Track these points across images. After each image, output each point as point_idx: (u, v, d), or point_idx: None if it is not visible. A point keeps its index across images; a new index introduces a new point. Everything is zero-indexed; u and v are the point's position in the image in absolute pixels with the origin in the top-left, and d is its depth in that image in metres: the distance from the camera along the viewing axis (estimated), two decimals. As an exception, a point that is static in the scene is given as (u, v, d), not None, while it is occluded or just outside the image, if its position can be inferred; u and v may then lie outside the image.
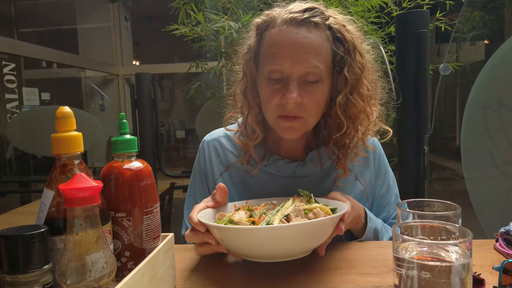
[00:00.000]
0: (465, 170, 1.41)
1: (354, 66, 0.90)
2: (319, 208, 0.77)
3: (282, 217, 0.73)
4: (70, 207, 0.51)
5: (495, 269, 0.70)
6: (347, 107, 0.93)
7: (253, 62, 0.95)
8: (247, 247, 0.73)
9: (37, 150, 3.92)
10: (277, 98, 0.89)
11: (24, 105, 4.48)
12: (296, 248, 0.73)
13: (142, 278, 0.59)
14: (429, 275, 0.47)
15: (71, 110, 0.58)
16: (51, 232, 0.54)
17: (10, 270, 0.50)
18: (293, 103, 0.86)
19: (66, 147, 0.57)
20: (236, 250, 0.75)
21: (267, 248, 0.72)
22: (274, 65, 0.88)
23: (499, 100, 1.20)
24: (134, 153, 0.68)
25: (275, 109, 0.90)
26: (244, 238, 0.70)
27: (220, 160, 1.07)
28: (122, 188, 0.64)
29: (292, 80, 0.87)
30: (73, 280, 0.51)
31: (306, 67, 0.86)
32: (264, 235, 0.68)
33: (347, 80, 0.90)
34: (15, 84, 4.38)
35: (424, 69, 1.66)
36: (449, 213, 0.59)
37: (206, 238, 0.76)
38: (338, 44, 0.89)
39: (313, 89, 0.88)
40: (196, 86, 3.16)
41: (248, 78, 0.97)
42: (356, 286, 0.71)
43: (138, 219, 0.65)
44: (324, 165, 1.01)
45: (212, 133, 1.13)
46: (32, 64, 5.41)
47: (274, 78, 0.89)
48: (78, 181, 0.51)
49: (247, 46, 0.98)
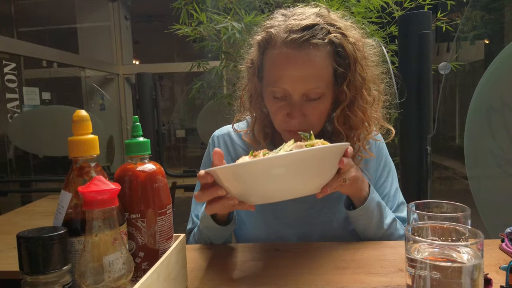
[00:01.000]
0: (468, 170, 1.43)
1: (355, 79, 0.91)
2: (320, 143, 0.73)
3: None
4: (89, 209, 0.52)
5: (502, 269, 0.72)
6: (346, 119, 0.95)
7: (257, 77, 0.98)
8: (248, 184, 0.70)
9: (38, 149, 3.93)
10: (282, 115, 0.93)
11: (24, 105, 4.48)
12: (297, 181, 0.70)
13: (157, 279, 0.60)
14: (441, 275, 0.48)
15: (87, 114, 0.59)
16: (69, 234, 0.55)
17: (31, 271, 0.51)
18: (297, 122, 0.91)
19: (82, 150, 0.58)
20: (240, 190, 0.72)
21: (268, 181, 0.68)
22: (276, 87, 0.91)
23: (502, 100, 1.22)
24: (147, 155, 0.69)
25: (280, 123, 0.95)
26: (244, 173, 0.68)
27: (229, 153, 1.09)
28: (136, 190, 0.65)
29: (294, 100, 0.90)
30: (92, 281, 0.52)
31: (307, 88, 0.89)
32: (262, 165, 0.66)
33: (346, 95, 0.92)
34: (16, 84, 4.38)
35: (427, 69, 1.67)
36: (459, 214, 0.60)
37: (214, 191, 0.74)
38: (339, 59, 0.90)
39: (316, 104, 0.91)
40: (198, 85, 3.17)
41: (252, 89, 1.00)
42: (365, 286, 0.72)
43: (152, 220, 0.66)
44: None
45: (222, 129, 1.15)
46: (32, 64, 5.41)
47: (278, 96, 0.92)
48: (97, 183, 0.52)
49: (250, 60, 1.00)
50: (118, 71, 6.38)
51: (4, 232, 2.25)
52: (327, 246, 0.93)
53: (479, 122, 1.32)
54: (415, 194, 1.68)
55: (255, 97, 1.01)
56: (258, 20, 2.26)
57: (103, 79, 6.50)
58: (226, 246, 0.96)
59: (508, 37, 4.05)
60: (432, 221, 0.61)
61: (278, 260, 0.86)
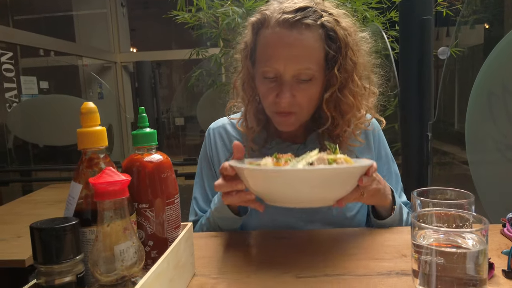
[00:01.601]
0: (469, 155, 1.44)
1: (346, 64, 0.93)
2: (343, 159, 0.76)
3: (307, 164, 0.74)
4: (100, 200, 0.53)
5: (504, 254, 0.73)
6: (337, 103, 0.96)
7: (250, 59, 0.99)
8: (271, 188, 0.74)
9: (38, 139, 3.92)
10: (272, 96, 0.93)
11: (23, 94, 4.46)
12: (317, 193, 0.73)
13: (167, 266, 0.62)
14: (447, 261, 0.50)
15: (95, 106, 0.60)
16: (80, 224, 0.56)
17: (44, 260, 0.52)
18: (286, 102, 0.91)
19: (91, 141, 0.59)
20: (262, 192, 0.76)
21: (290, 190, 0.73)
22: (267, 67, 0.92)
23: (503, 86, 1.22)
24: (154, 146, 0.69)
25: (270, 105, 0.95)
26: (269, 178, 0.72)
27: (225, 146, 1.10)
28: (144, 180, 0.66)
29: (285, 80, 0.91)
30: (105, 269, 0.53)
31: (298, 68, 0.90)
32: (287, 175, 0.70)
33: (337, 78, 0.92)
34: (13, 73, 4.35)
35: (428, 55, 1.67)
36: (463, 201, 0.61)
37: (234, 185, 0.78)
38: (331, 42, 0.91)
39: (306, 87, 0.92)
40: (197, 73, 3.16)
41: (245, 73, 1.01)
42: (370, 271, 0.74)
43: (160, 209, 0.67)
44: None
45: (217, 121, 1.16)
46: (29, 53, 5.36)
47: (269, 77, 0.93)
48: (108, 175, 0.53)
49: (244, 43, 1.01)
50: (116, 59, 6.33)
51: (7, 222, 2.26)
52: (330, 233, 0.95)
53: (480, 107, 1.33)
54: (415, 180, 1.70)
55: (248, 82, 1.01)
56: (259, 5, 2.25)
57: (101, 67, 6.45)
58: (231, 234, 0.98)
59: (508, 21, 4.02)
60: (436, 207, 0.62)
61: (282, 247, 0.87)
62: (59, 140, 3.87)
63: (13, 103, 4.19)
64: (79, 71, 6.33)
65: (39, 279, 0.53)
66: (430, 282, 0.51)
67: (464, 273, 0.50)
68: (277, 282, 0.72)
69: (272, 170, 0.71)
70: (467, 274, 0.50)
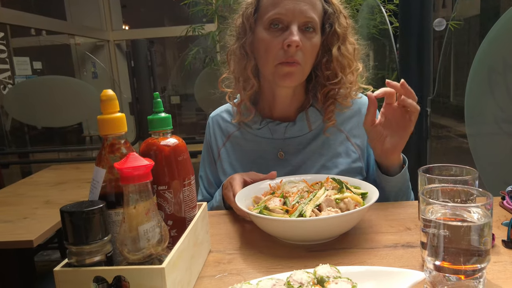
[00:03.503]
0: (468, 127, 1.47)
1: (341, 25, 1.04)
2: (350, 198, 0.82)
3: (314, 207, 0.79)
4: (126, 183, 0.55)
5: (504, 225, 0.77)
6: (339, 58, 1.04)
7: (253, 16, 1.04)
8: (279, 232, 0.81)
9: (36, 121, 3.91)
10: (278, 43, 0.98)
11: (16, 75, 4.41)
12: (325, 235, 0.80)
13: (188, 244, 0.65)
14: (454, 233, 0.53)
15: (114, 93, 0.62)
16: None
17: (75, 241, 0.55)
18: (295, 46, 0.96)
19: (112, 127, 0.61)
20: (269, 233, 0.83)
21: (299, 235, 0.79)
22: (277, 14, 0.97)
23: (504, 62, 1.24)
24: (169, 130, 0.71)
25: (275, 55, 1.00)
26: (278, 227, 0.79)
27: (222, 131, 1.18)
28: (162, 163, 0.68)
29: (293, 26, 0.97)
30: (132, 248, 0.56)
31: (305, 16, 0.97)
32: (296, 225, 0.76)
33: (338, 35, 1.04)
34: (6, 54, 4.28)
35: (427, 32, 1.68)
36: (467, 177, 0.65)
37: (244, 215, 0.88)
38: (327, 5, 1.03)
39: (311, 36, 1.00)
40: (194, 52, 3.14)
41: (248, 32, 1.05)
42: (377, 244, 0.78)
43: (178, 190, 0.70)
44: (312, 125, 1.10)
45: (216, 110, 1.24)
46: (20, 32, 5.26)
47: (275, 24, 0.99)
48: (132, 160, 0.55)
49: (246, 4, 1.07)
50: (109, 38, 6.23)
51: (11, 204, 2.30)
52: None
53: (481, 82, 1.35)
54: (415, 154, 1.74)
55: (249, 41, 1.05)
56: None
57: (93, 46, 6.36)
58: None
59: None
60: (442, 183, 0.65)
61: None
62: (56, 121, 3.86)
63: (7, 85, 4.15)
64: (71, 50, 6.24)
65: (70, 258, 0.56)
66: (438, 253, 0.55)
67: (470, 245, 0.53)
68: (290, 256, 0.76)
69: (280, 220, 0.76)
70: (472, 245, 0.53)
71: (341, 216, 0.75)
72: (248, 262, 0.75)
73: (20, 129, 4.65)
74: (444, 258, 0.55)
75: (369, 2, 2.64)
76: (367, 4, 2.65)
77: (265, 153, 1.11)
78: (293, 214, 0.78)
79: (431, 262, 0.56)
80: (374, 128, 0.94)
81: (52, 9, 6.25)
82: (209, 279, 0.70)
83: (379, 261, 0.71)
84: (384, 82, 0.97)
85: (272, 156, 1.10)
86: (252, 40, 1.05)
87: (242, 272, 0.71)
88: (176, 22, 6.10)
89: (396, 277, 0.57)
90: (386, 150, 0.95)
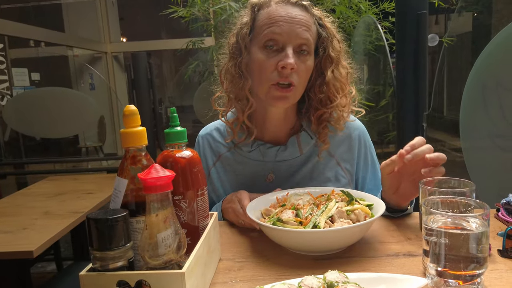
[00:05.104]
0: (462, 142, 1.53)
1: (335, 47, 1.07)
2: (359, 209, 0.86)
3: (327, 218, 0.83)
4: (149, 193, 0.59)
5: (499, 235, 0.82)
6: (333, 81, 1.07)
7: (248, 36, 1.05)
8: (293, 244, 0.84)
9: (34, 132, 3.92)
10: (273, 64, 0.99)
11: (15, 86, 4.44)
12: (338, 245, 0.83)
13: (203, 251, 0.69)
14: (454, 241, 0.57)
15: (136, 108, 0.66)
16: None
17: (100, 247, 0.58)
18: (290, 66, 0.98)
19: (134, 140, 0.65)
20: (283, 244, 0.86)
21: (313, 246, 0.83)
22: (272, 33, 0.99)
23: (497, 80, 1.31)
24: (184, 143, 0.75)
25: (269, 76, 1.00)
26: (292, 238, 0.82)
27: (212, 151, 1.18)
28: (177, 174, 0.72)
29: (289, 48, 0.98)
30: (153, 254, 0.60)
31: (301, 38, 0.99)
32: (311, 236, 0.79)
33: (331, 58, 1.06)
34: (4, 65, 4.31)
35: (423, 49, 1.74)
36: (465, 189, 0.69)
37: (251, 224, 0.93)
38: (321, 28, 1.06)
39: (305, 59, 1.02)
40: (194, 65, 3.19)
41: (243, 52, 1.05)
42: (380, 253, 0.82)
43: (192, 200, 0.73)
44: (303, 149, 1.12)
45: (205, 128, 1.24)
46: (18, 43, 5.29)
47: (270, 45, 1.00)
48: (155, 171, 0.59)
49: (240, 24, 1.08)
50: (106, 49, 6.29)
51: (10, 214, 2.30)
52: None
53: (474, 98, 1.41)
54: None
55: (245, 61, 1.04)
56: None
57: (91, 58, 6.41)
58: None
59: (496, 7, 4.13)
60: (442, 195, 0.69)
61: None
62: (54, 132, 3.88)
63: (6, 96, 4.17)
64: (69, 62, 6.28)
65: (94, 263, 0.59)
66: (440, 260, 0.59)
67: (469, 252, 0.58)
68: (298, 264, 0.79)
69: (296, 232, 0.80)
70: (471, 253, 0.58)
71: (355, 227, 0.79)
72: (257, 269, 0.78)
73: (16, 139, 4.66)
74: (445, 265, 0.59)
75: (365, 19, 2.72)
76: (363, 21, 2.73)
77: (256, 175, 1.12)
78: (307, 226, 0.81)
79: (433, 268, 0.60)
80: (390, 176, 0.93)
81: (51, 20, 6.31)
82: (221, 285, 0.73)
83: (383, 269, 0.75)
84: (380, 97, 1.01)
85: (263, 179, 1.12)
86: (248, 60, 1.05)
87: (252, 279, 0.74)
88: (174, 35, 6.19)
89: (400, 282, 0.61)
90: (398, 197, 0.95)
